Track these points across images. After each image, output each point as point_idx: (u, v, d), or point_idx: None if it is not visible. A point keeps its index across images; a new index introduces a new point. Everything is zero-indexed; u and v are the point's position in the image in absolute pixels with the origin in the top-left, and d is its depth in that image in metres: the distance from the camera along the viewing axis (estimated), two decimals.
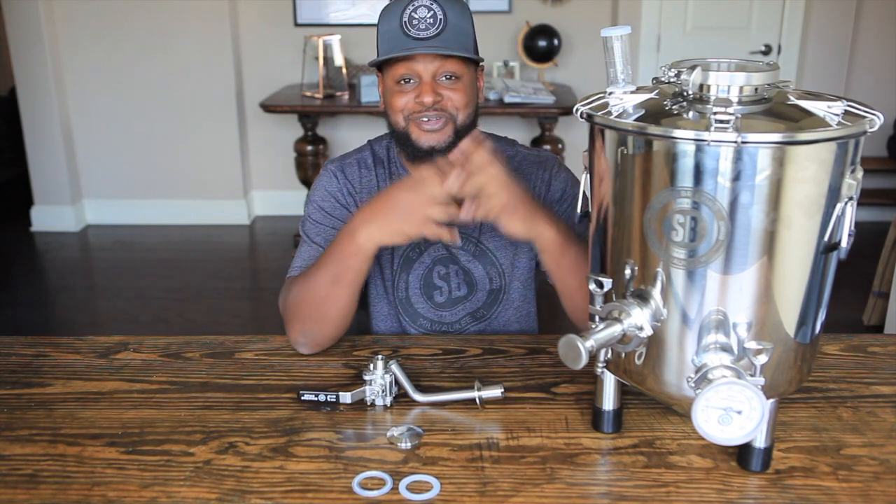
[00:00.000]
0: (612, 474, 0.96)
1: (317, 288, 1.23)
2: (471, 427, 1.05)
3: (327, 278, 1.22)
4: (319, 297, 1.23)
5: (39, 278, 3.95)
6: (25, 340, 1.32)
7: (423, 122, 1.28)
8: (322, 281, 1.23)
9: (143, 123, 4.44)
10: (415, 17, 1.23)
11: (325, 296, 1.23)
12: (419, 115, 1.27)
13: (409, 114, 1.28)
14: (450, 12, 1.25)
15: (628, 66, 0.91)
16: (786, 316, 0.87)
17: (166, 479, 0.94)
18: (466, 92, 1.29)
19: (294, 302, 1.26)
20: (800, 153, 0.80)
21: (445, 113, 1.27)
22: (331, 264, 1.22)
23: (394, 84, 1.29)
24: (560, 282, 1.26)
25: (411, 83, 1.28)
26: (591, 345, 0.85)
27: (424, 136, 1.28)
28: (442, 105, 1.27)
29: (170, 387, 1.17)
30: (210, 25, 4.27)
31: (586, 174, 0.98)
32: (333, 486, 0.93)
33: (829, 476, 0.94)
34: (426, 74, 1.26)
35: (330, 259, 1.23)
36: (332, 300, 1.23)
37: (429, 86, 1.26)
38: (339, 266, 1.21)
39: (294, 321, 1.26)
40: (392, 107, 1.30)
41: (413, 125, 1.29)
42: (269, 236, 4.48)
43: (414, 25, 1.24)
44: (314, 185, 1.40)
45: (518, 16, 4.29)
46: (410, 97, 1.28)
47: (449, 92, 1.27)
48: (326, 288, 1.23)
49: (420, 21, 1.24)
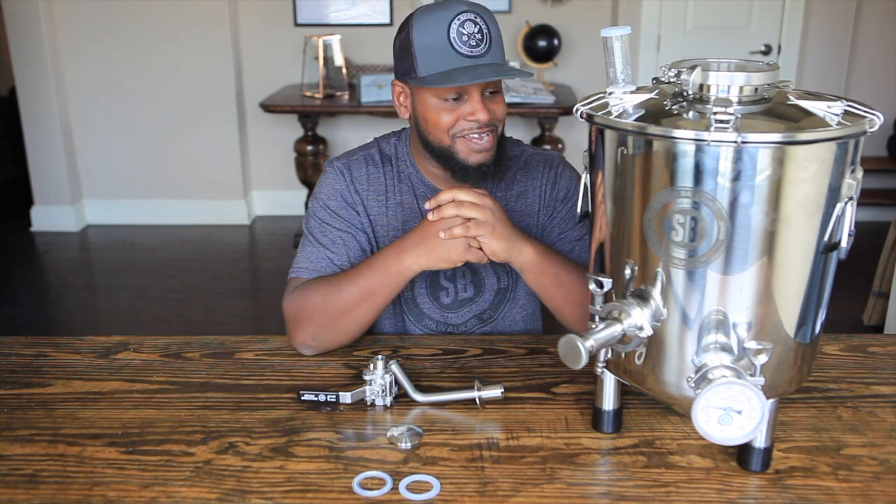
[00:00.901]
0: (612, 474, 0.96)
1: (345, 299, 1.23)
2: (471, 427, 1.05)
3: (360, 292, 1.22)
4: (344, 309, 1.23)
5: (39, 278, 3.95)
6: (25, 340, 1.32)
7: (473, 139, 1.26)
8: (353, 293, 1.23)
9: (143, 123, 4.44)
10: (464, 34, 1.20)
11: (351, 309, 1.23)
12: (469, 132, 1.26)
13: (458, 131, 1.26)
14: (491, 26, 1.23)
15: (628, 66, 0.91)
16: (786, 316, 0.87)
17: (166, 479, 0.94)
18: (503, 101, 1.30)
19: (312, 307, 1.24)
20: (800, 153, 0.80)
21: (491, 125, 1.27)
22: (368, 278, 1.22)
23: (438, 101, 1.25)
24: (546, 299, 1.28)
25: (458, 100, 1.25)
26: (591, 345, 0.85)
27: (474, 155, 1.27)
28: (491, 120, 1.26)
29: (170, 387, 1.17)
30: (210, 25, 4.27)
31: (586, 174, 0.98)
32: (333, 486, 0.93)
33: (829, 476, 0.94)
34: (476, 92, 1.24)
35: (368, 273, 1.23)
36: (359, 314, 1.23)
37: (481, 104, 1.24)
38: (376, 282, 1.22)
39: (306, 325, 1.24)
40: (437, 125, 1.27)
41: (461, 142, 1.26)
42: (269, 236, 4.48)
43: (465, 42, 1.20)
44: (320, 182, 1.39)
45: (518, 16, 4.29)
46: (457, 115, 1.25)
47: (493, 106, 1.26)
48: (356, 301, 1.23)
49: (470, 37, 1.20)
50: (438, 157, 1.30)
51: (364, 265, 1.25)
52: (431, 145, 1.30)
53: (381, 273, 1.22)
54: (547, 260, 1.23)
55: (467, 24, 1.20)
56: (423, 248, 1.19)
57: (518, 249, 1.19)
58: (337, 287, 1.24)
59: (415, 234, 1.21)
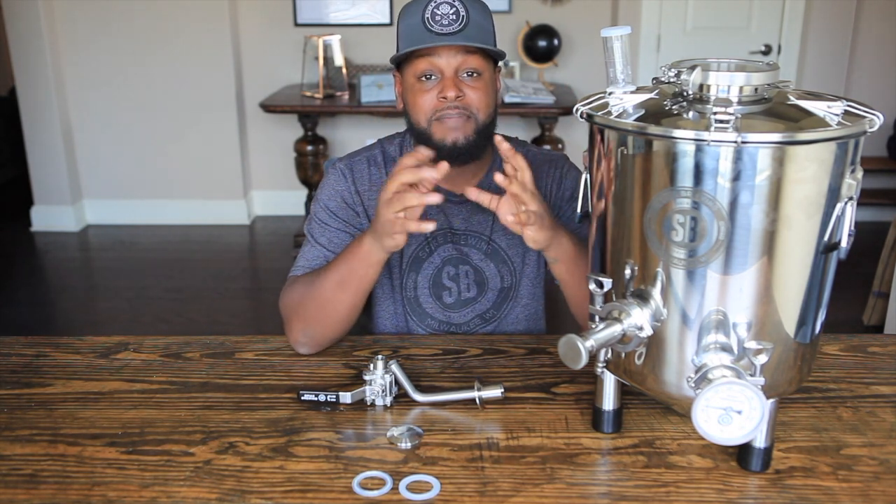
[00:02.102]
0: (612, 474, 0.96)
1: (322, 290, 1.24)
2: (471, 427, 1.05)
3: (334, 280, 1.23)
4: (323, 299, 1.24)
5: (39, 278, 3.94)
6: (25, 340, 1.32)
7: (445, 119, 1.26)
8: (328, 283, 1.24)
9: (144, 123, 4.44)
10: (437, 13, 1.23)
11: (329, 298, 1.23)
12: (442, 113, 1.26)
13: (433, 113, 1.27)
14: (472, 10, 1.24)
15: (628, 66, 0.91)
16: (786, 316, 0.87)
17: (166, 479, 0.94)
18: (487, 91, 1.29)
19: (298, 302, 1.26)
20: (800, 153, 0.80)
21: (467, 110, 1.26)
22: (339, 266, 1.23)
23: (415, 81, 1.27)
24: (572, 291, 1.27)
25: (433, 80, 1.26)
26: (591, 345, 0.85)
27: (449, 133, 1.27)
28: (464, 102, 1.26)
29: (170, 387, 1.17)
30: (210, 25, 4.27)
31: (586, 174, 0.98)
32: (333, 486, 0.93)
33: (829, 476, 0.94)
34: (448, 70, 1.25)
35: (339, 261, 1.24)
36: (336, 303, 1.24)
37: (451, 80, 1.25)
38: (345, 269, 1.22)
39: (296, 320, 1.26)
40: (414, 105, 1.29)
41: (436, 124, 1.27)
42: (269, 236, 4.48)
43: (437, 21, 1.23)
44: (322, 183, 1.40)
45: (518, 16, 4.29)
46: (433, 94, 1.26)
47: (470, 90, 1.26)
48: (332, 291, 1.23)
49: (443, 17, 1.23)
50: (419, 139, 1.31)
51: (339, 254, 1.26)
52: (413, 128, 1.31)
53: (349, 258, 1.22)
54: (581, 252, 1.23)
55: (443, 5, 1.23)
56: (373, 228, 1.18)
57: (558, 240, 1.19)
58: (316, 278, 1.26)
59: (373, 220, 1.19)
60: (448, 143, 1.27)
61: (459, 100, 1.25)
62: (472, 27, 1.24)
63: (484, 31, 1.26)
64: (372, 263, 1.21)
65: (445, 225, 1.39)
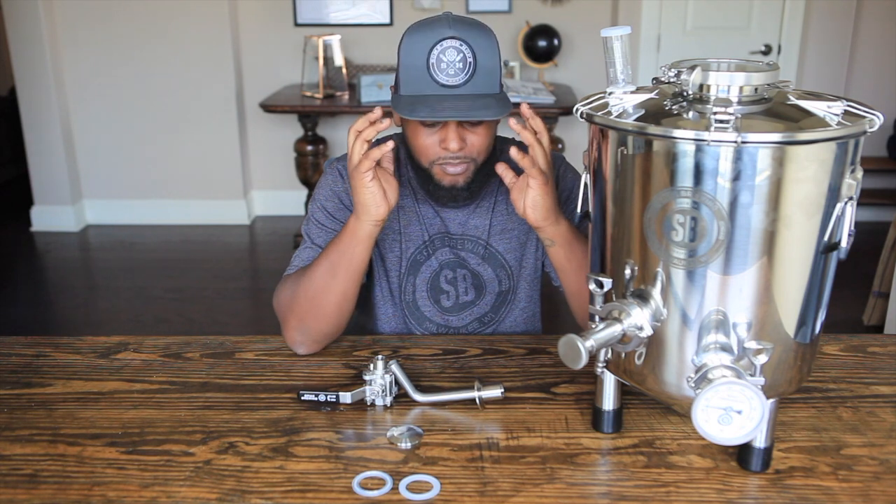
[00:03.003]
0: (612, 474, 0.96)
1: (313, 280, 1.23)
2: (471, 427, 1.05)
3: (324, 268, 1.23)
4: (315, 289, 1.23)
5: (39, 278, 3.94)
6: (25, 340, 1.32)
7: (447, 167, 1.26)
8: (318, 272, 1.23)
9: (144, 123, 4.44)
10: (443, 61, 1.17)
11: (320, 287, 1.23)
12: (444, 161, 1.26)
13: (434, 158, 1.26)
14: (479, 53, 1.18)
15: (628, 66, 0.91)
16: (786, 316, 0.87)
17: (166, 479, 0.94)
18: (489, 133, 1.27)
19: (291, 297, 1.26)
20: (800, 153, 0.80)
21: (467, 158, 1.26)
22: (329, 252, 1.23)
23: (417, 124, 1.25)
24: (568, 279, 1.27)
25: (436, 126, 1.24)
26: (591, 345, 0.85)
27: (447, 178, 1.28)
28: (465, 151, 1.25)
29: (170, 387, 1.17)
30: (210, 25, 4.27)
31: (586, 174, 0.98)
32: (333, 486, 0.93)
33: (829, 476, 0.94)
34: (452, 121, 1.22)
35: (329, 247, 1.24)
36: (328, 292, 1.23)
37: (455, 133, 1.22)
38: (335, 252, 1.22)
39: (290, 317, 1.25)
40: (414, 145, 1.28)
41: (437, 168, 1.27)
42: (269, 236, 4.48)
43: (442, 70, 1.18)
44: (319, 183, 1.39)
45: (518, 16, 4.29)
46: (435, 140, 1.24)
47: (473, 137, 1.25)
48: (322, 279, 1.23)
49: (449, 66, 1.17)
50: (419, 177, 1.32)
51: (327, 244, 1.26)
52: (413, 162, 1.32)
53: (337, 242, 1.22)
54: (578, 239, 1.23)
55: (449, 51, 1.17)
56: (355, 202, 1.18)
57: (555, 217, 1.19)
58: (308, 270, 1.26)
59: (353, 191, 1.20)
60: (447, 186, 1.28)
61: (461, 150, 1.24)
62: (479, 75, 1.19)
63: (491, 74, 1.20)
64: (360, 240, 1.20)
65: (443, 229, 1.39)
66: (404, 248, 1.39)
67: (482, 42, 1.19)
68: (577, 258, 1.24)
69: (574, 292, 1.29)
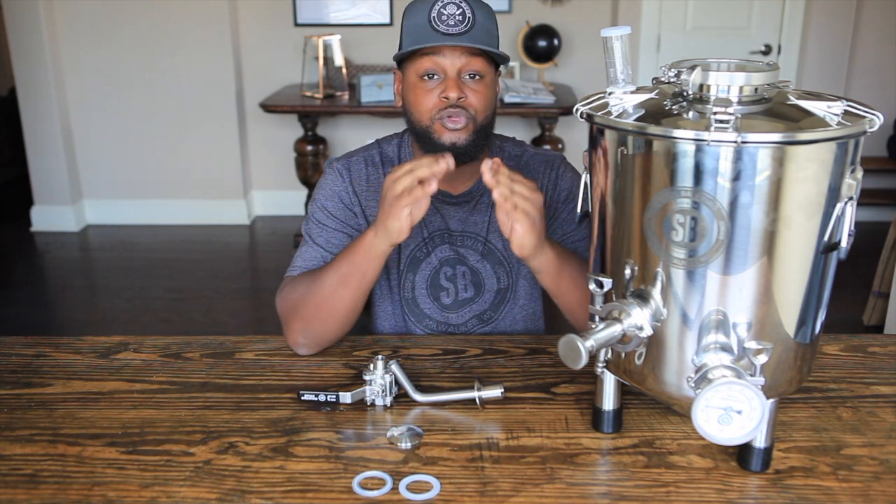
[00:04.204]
0: (612, 474, 0.96)
1: (323, 287, 1.23)
2: (471, 427, 1.05)
3: (336, 277, 1.23)
4: (324, 296, 1.23)
5: (39, 278, 3.95)
6: (25, 340, 1.32)
7: (446, 119, 1.26)
8: (329, 280, 1.23)
9: (143, 123, 4.44)
10: (444, 14, 1.23)
11: (329, 295, 1.23)
12: (443, 113, 1.26)
13: (434, 113, 1.27)
14: (478, 12, 1.24)
15: (628, 66, 0.91)
16: (786, 316, 0.87)
17: (166, 479, 0.94)
18: (488, 93, 1.28)
19: (298, 301, 1.26)
20: (800, 153, 0.80)
21: (467, 112, 1.26)
22: (341, 262, 1.23)
23: (417, 79, 1.27)
24: (560, 299, 1.27)
25: (435, 79, 1.26)
26: (591, 345, 0.85)
27: (447, 133, 1.27)
28: (465, 103, 1.26)
29: (170, 387, 1.17)
30: (210, 25, 4.27)
31: (586, 174, 0.98)
32: (333, 486, 0.93)
33: (829, 476, 0.94)
34: (452, 70, 1.25)
35: (341, 257, 1.24)
36: (337, 300, 1.23)
37: (454, 81, 1.25)
38: (347, 264, 1.22)
39: (295, 320, 1.25)
40: (415, 104, 1.28)
41: (437, 124, 1.27)
42: (269, 236, 4.48)
43: (443, 21, 1.23)
44: (319, 183, 1.39)
45: (518, 16, 4.29)
46: (435, 94, 1.26)
47: (471, 91, 1.26)
48: (333, 287, 1.23)
49: (449, 17, 1.23)
50: (419, 139, 1.31)
51: (340, 252, 1.26)
52: (413, 126, 1.31)
53: (351, 254, 1.22)
54: (564, 261, 1.23)
55: (449, 6, 1.23)
56: (378, 219, 1.18)
57: (540, 248, 1.18)
58: (317, 276, 1.26)
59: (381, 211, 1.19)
60: (448, 144, 1.27)
61: (461, 101, 1.25)
62: (477, 29, 1.24)
63: (489, 33, 1.26)
64: (374, 257, 1.20)
65: (442, 226, 1.39)
66: (403, 245, 1.39)
67: (480, 4, 1.26)
68: (565, 282, 1.23)
69: (569, 310, 1.29)
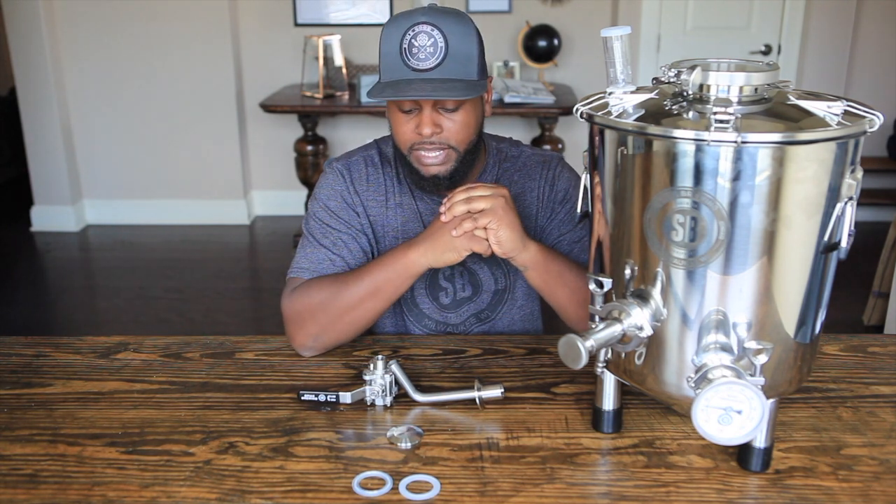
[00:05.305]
0: (612, 474, 0.96)
1: (351, 296, 1.23)
2: (471, 427, 1.05)
3: (367, 288, 1.23)
4: (349, 306, 1.23)
5: (39, 278, 3.95)
6: (25, 340, 1.32)
7: (423, 154, 1.26)
8: (359, 290, 1.23)
9: (143, 123, 4.44)
10: (414, 45, 1.19)
11: (356, 306, 1.23)
12: (420, 146, 1.26)
13: (412, 144, 1.27)
14: (451, 38, 1.19)
15: (628, 66, 0.91)
16: (786, 316, 0.87)
17: (166, 479, 0.94)
18: (467, 121, 1.26)
19: (316, 305, 1.24)
20: (800, 153, 0.80)
21: (445, 143, 1.26)
22: (375, 274, 1.23)
23: (395, 108, 1.26)
24: (550, 298, 1.28)
25: (412, 113, 1.25)
26: (591, 345, 0.85)
27: (425, 167, 1.28)
28: (441, 137, 1.25)
29: (170, 387, 1.17)
30: (210, 25, 4.27)
31: (586, 174, 0.98)
32: (333, 486, 0.93)
33: (829, 476, 0.94)
34: (426, 105, 1.23)
35: (375, 269, 1.24)
36: (364, 311, 1.24)
37: (428, 117, 1.23)
38: (382, 278, 1.23)
39: (308, 324, 1.24)
40: (395, 132, 1.29)
41: (415, 154, 1.27)
42: (269, 236, 4.49)
43: (413, 55, 1.19)
44: (319, 183, 1.39)
45: (518, 16, 4.29)
46: (411, 126, 1.25)
47: (448, 123, 1.25)
48: (361, 298, 1.23)
49: (420, 50, 1.19)
50: (403, 166, 1.33)
51: (372, 262, 1.26)
52: (397, 150, 1.31)
53: (388, 268, 1.22)
54: (550, 258, 1.23)
55: (420, 35, 1.19)
56: (428, 242, 1.20)
57: (523, 244, 1.20)
58: (343, 284, 1.25)
59: (425, 231, 1.23)
60: (427, 176, 1.28)
61: (437, 135, 1.25)
62: (450, 60, 1.20)
63: (465, 60, 1.21)
64: (413, 275, 1.22)
65: None
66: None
67: (456, 28, 1.20)
68: (553, 279, 1.24)
69: (560, 308, 1.29)
